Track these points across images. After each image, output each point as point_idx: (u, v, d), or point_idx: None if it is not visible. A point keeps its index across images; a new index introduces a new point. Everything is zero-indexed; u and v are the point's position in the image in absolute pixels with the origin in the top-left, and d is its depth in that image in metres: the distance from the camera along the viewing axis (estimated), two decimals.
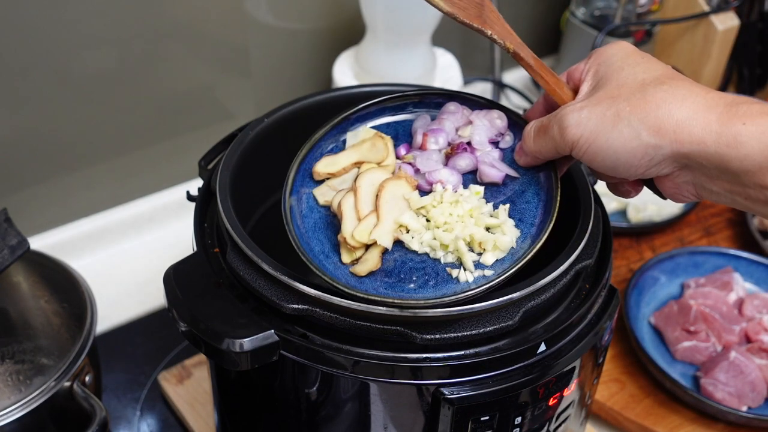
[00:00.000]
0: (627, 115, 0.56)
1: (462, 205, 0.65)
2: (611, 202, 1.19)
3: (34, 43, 0.97)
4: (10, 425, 0.77)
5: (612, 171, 0.59)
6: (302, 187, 0.69)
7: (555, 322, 0.65)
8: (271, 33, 1.16)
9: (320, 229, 0.66)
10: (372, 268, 0.62)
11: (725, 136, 0.54)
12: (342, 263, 0.63)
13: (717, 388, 0.96)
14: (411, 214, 0.64)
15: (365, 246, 0.63)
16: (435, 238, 0.63)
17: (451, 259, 0.63)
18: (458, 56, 1.27)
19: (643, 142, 0.56)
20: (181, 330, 0.62)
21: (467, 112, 0.71)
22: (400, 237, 0.64)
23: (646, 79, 0.58)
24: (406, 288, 0.62)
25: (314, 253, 0.64)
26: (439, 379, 0.61)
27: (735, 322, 1.03)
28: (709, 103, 0.55)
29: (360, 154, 0.70)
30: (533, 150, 0.64)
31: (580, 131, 0.58)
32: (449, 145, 0.70)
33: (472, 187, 0.67)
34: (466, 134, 0.69)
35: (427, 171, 0.67)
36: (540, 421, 0.66)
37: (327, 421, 0.67)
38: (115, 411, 0.97)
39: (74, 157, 1.08)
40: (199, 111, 1.16)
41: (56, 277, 0.92)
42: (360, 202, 0.65)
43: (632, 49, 0.62)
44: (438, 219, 0.64)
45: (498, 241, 0.63)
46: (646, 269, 1.08)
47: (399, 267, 0.63)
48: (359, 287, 0.61)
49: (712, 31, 1.33)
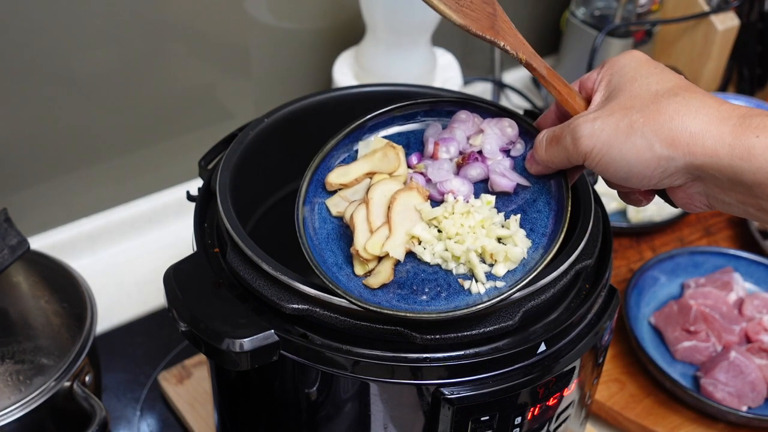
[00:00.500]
0: (641, 127, 0.56)
1: (473, 215, 0.65)
2: (611, 202, 1.19)
3: (34, 43, 0.97)
4: (10, 425, 0.78)
5: (625, 181, 0.59)
6: (315, 197, 0.69)
7: (555, 322, 0.65)
8: (271, 33, 1.16)
9: (333, 240, 0.66)
10: (385, 280, 0.62)
11: (739, 149, 0.54)
12: (355, 275, 0.63)
13: (717, 388, 0.96)
14: (423, 225, 0.65)
15: (378, 258, 0.63)
16: (447, 250, 0.63)
17: (463, 271, 0.63)
18: (458, 56, 1.27)
19: (657, 154, 0.56)
20: (181, 330, 0.62)
21: (478, 120, 0.71)
22: (412, 248, 0.64)
23: (660, 90, 0.58)
24: (418, 300, 0.62)
25: (327, 265, 0.64)
26: (439, 379, 0.61)
27: (735, 322, 1.03)
28: (722, 115, 0.55)
29: (372, 164, 0.70)
30: (545, 159, 0.64)
31: (593, 142, 0.58)
32: (460, 155, 0.70)
33: (484, 197, 0.67)
34: (477, 143, 0.69)
35: (439, 181, 0.67)
36: (540, 421, 0.66)
37: (327, 421, 0.67)
38: (115, 411, 0.97)
39: (74, 157, 1.08)
40: (199, 111, 1.16)
41: (56, 277, 0.92)
42: (372, 214, 0.65)
43: (645, 59, 0.62)
44: (449, 230, 0.64)
45: (509, 253, 0.63)
46: (646, 269, 1.08)
47: (411, 279, 0.63)
48: (372, 300, 0.61)
49: (712, 31, 1.33)
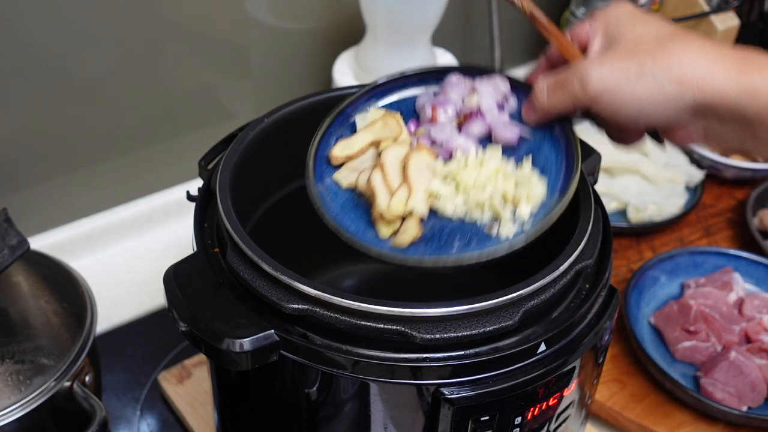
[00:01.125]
0: (650, 69, 0.59)
1: (488, 164, 0.66)
2: (611, 202, 1.19)
3: (34, 43, 0.97)
4: (10, 425, 0.77)
5: (632, 122, 0.62)
6: (323, 174, 0.70)
7: (555, 322, 0.65)
8: (271, 33, 1.16)
9: (349, 210, 0.67)
10: (414, 236, 0.64)
11: (744, 86, 0.58)
12: (380, 239, 0.64)
13: (717, 388, 0.96)
14: (440, 181, 0.67)
15: (401, 218, 0.65)
16: (468, 201, 0.65)
17: (487, 219, 0.65)
18: (458, 56, 1.27)
19: (668, 93, 0.59)
20: (181, 330, 0.62)
21: (469, 82, 0.73)
22: (433, 205, 0.66)
23: (661, 35, 0.61)
24: (451, 252, 0.63)
25: (354, 234, 0.65)
26: (439, 379, 0.61)
27: (735, 322, 1.03)
28: (725, 55, 0.59)
29: (374, 133, 0.71)
30: (547, 106, 0.66)
31: (603, 85, 0.61)
32: (459, 115, 0.71)
33: (491, 147, 0.69)
34: (474, 102, 0.71)
35: (444, 140, 0.69)
36: (540, 421, 0.66)
37: (327, 421, 0.67)
38: (115, 411, 0.97)
39: (74, 157, 1.08)
40: (199, 111, 1.16)
41: (56, 277, 0.92)
42: (388, 176, 0.67)
43: (635, 8, 0.66)
44: (467, 182, 0.66)
45: (530, 193, 0.65)
46: (646, 269, 1.08)
47: (438, 234, 0.65)
48: (402, 255, 0.63)
49: (712, 31, 1.33)
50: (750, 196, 1.22)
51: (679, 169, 1.23)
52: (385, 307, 0.60)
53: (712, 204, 1.27)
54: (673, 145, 0.66)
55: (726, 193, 1.29)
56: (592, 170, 0.77)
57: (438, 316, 0.60)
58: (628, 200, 1.19)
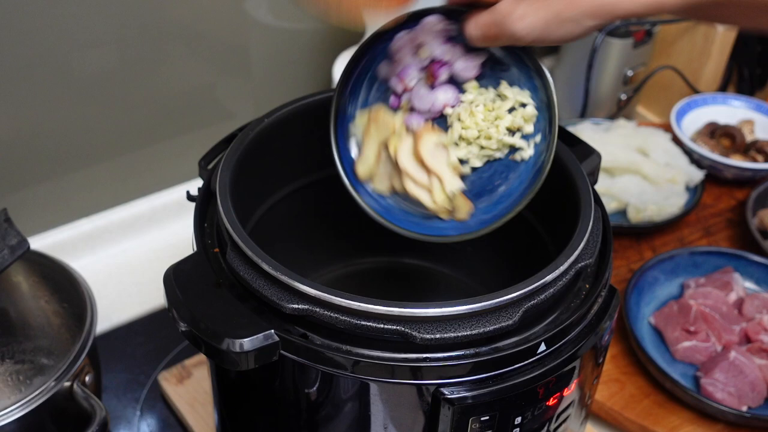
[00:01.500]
0: (568, 14, 0.63)
1: (477, 109, 0.71)
2: (611, 202, 1.19)
3: (34, 43, 0.97)
4: (10, 425, 0.77)
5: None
6: (358, 189, 0.74)
7: (555, 322, 0.65)
8: (271, 33, 1.16)
9: (398, 213, 0.72)
10: (469, 208, 0.71)
11: (652, 5, 0.62)
12: (445, 223, 0.71)
13: (717, 388, 0.96)
14: (453, 150, 0.71)
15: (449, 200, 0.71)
16: (483, 148, 0.71)
17: (507, 152, 0.71)
18: None
19: (587, 27, 0.64)
20: (181, 330, 0.62)
21: (412, 38, 0.72)
22: (462, 170, 0.71)
23: None
24: (502, 192, 0.70)
25: (422, 229, 0.71)
26: (439, 379, 0.61)
27: (735, 322, 1.03)
28: None
29: (375, 137, 0.73)
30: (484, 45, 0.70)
31: (530, 36, 0.65)
32: (424, 72, 0.72)
33: (468, 85, 0.72)
34: (426, 54, 0.72)
35: (429, 107, 0.72)
36: (540, 421, 0.66)
37: (327, 421, 0.67)
38: (115, 411, 0.97)
39: (74, 157, 1.08)
40: (199, 111, 1.16)
41: (56, 277, 0.92)
42: (414, 176, 0.71)
43: None
44: (472, 135, 0.71)
45: (524, 113, 0.70)
46: (646, 269, 1.08)
47: (482, 186, 0.71)
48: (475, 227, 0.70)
49: (712, 31, 1.33)
50: (750, 196, 1.22)
51: (679, 169, 1.23)
52: (385, 307, 0.60)
53: (712, 204, 1.27)
54: None
55: (726, 193, 1.29)
56: (592, 170, 0.77)
57: (438, 316, 0.60)
58: (628, 200, 1.19)
